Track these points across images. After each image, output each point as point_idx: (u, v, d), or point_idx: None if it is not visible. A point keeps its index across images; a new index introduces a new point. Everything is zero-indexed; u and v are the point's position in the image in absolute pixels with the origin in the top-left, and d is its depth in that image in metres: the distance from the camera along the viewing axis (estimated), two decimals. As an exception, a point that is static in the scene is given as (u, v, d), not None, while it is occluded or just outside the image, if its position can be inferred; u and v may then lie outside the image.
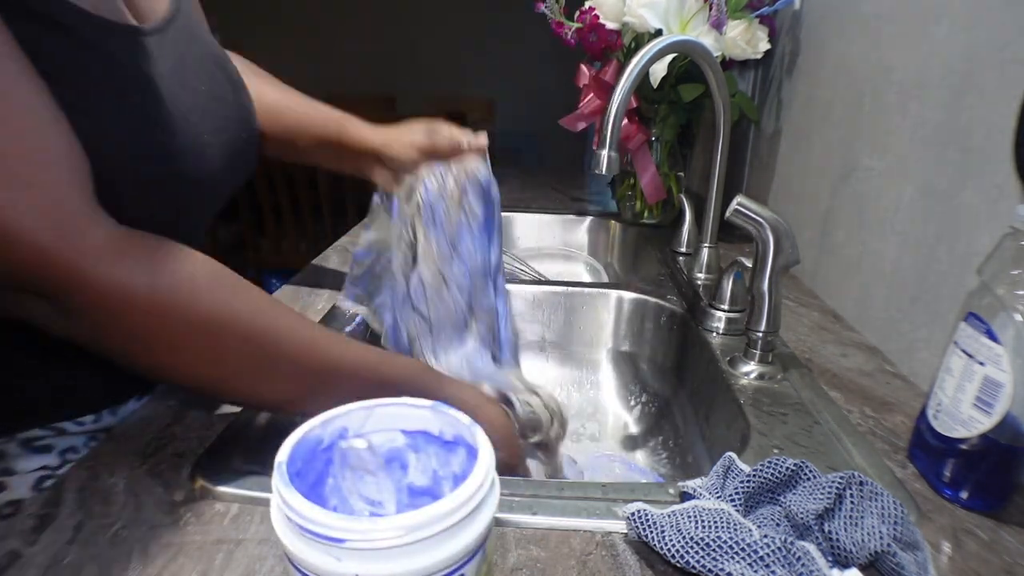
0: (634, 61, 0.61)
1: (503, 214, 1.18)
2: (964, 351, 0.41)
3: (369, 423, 0.30)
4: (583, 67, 1.00)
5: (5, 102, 0.33)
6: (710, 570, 0.34)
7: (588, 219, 1.17)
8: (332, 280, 0.78)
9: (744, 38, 0.87)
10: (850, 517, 0.36)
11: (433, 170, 0.59)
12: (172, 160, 0.43)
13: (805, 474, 0.39)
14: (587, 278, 1.09)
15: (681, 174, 1.04)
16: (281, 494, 0.24)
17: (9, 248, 0.33)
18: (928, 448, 0.44)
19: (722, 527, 0.35)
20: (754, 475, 0.39)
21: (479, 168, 0.60)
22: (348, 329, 0.65)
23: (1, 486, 0.48)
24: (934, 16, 0.58)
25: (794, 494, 0.38)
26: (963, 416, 0.40)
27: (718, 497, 0.39)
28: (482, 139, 0.60)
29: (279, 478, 0.25)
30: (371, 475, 0.31)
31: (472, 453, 0.28)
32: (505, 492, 0.40)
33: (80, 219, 0.35)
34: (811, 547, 0.34)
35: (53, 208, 0.34)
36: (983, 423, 0.39)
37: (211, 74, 0.51)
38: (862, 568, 0.35)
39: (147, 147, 0.41)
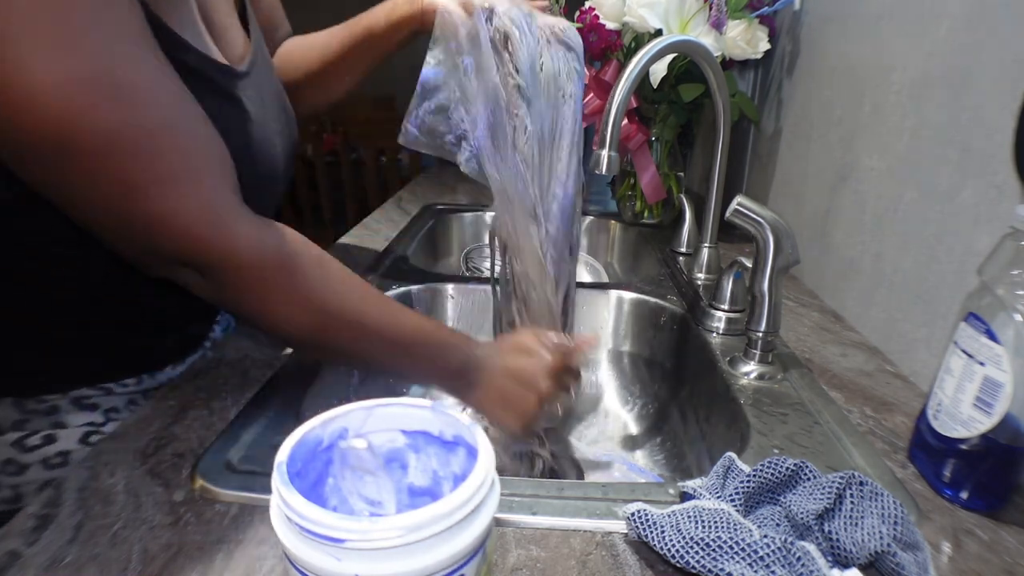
0: (634, 61, 0.61)
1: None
2: (964, 351, 0.41)
3: (369, 423, 0.30)
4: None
5: (182, 109, 0.40)
6: (710, 570, 0.34)
7: (588, 219, 1.17)
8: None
9: (744, 38, 0.87)
10: (850, 517, 0.36)
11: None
12: (262, 184, 0.51)
13: (805, 474, 0.39)
14: (587, 278, 1.09)
15: (681, 174, 1.04)
16: (281, 494, 0.24)
17: (175, 237, 0.40)
18: (928, 448, 0.44)
19: (722, 527, 0.35)
20: (754, 475, 0.39)
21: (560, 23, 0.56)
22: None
23: (52, 438, 0.51)
24: (934, 16, 0.58)
25: (794, 494, 0.38)
26: (963, 416, 0.40)
27: (718, 497, 0.39)
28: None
29: (279, 478, 0.25)
30: (371, 475, 0.31)
31: (472, 453, 0.28)
32: (505, 492, 0.40)
33: (231, 214, 0.42)
34: (811, 547, 0.34)
35: (211, 205, 0.41)
36: (983, 423, 0.39)
37: (279, 111, 0.58)
38: (862, 568, 0.35)
39: (249, 174, 0.47)
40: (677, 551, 0.35)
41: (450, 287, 0.82)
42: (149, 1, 0.40)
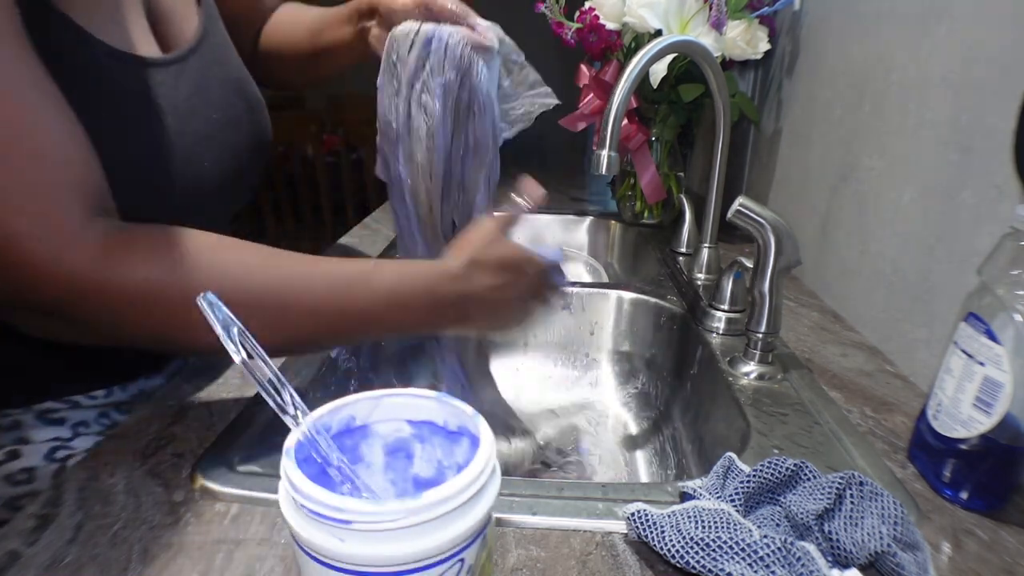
0: (634, 61, 0.61)
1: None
2: (964, 351, 0.41)
3: (376, 412, 0.31)
4: (583, 67, 1.00)
5: (31, 114, 0.35)
6: (710, 570, 0.34)
7: (588, 219, 1.17)
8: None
9: (744, 38, 0.87)
10: (850, 517, 0.36)
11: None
12: (166, 190, 0.45)
13: (805, 474, 0.39)
14: (587, 278, 1.09)
15: (681, 174, 1.04)
16: (289, 477, 0.25)
17: (10, 265, 0.35)
18: (928, 448, 0.44)
19: (722, 527, 0.35)
20: (754, 475, 0.39)
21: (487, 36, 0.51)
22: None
23: (16, 453, 0.50)
24: (934, 16, 0.58)
25: (794, 494, 0.38)
26: (963, 416, 0.40)
27: (718, 497, 0.39)
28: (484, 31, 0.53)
29: (288, 462, 0.25)
30: (377, 464, 0.32)
31: (475, 443, 0.28)
32: (505, 492, 0.40)
33: (76, 237, 0.36)
34: (811, 547, 0.34)
35: (52, 227, 0.35)
36: (983, 423, 0.39)
37: (228, 101, 0.53)
38: (862, 568, 0.35)
39: (144, 176, 0.43)
40: (677, 551, 0.35)
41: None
42: None
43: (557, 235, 1.17)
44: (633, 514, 0.37)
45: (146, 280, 0.38)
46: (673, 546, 0.35)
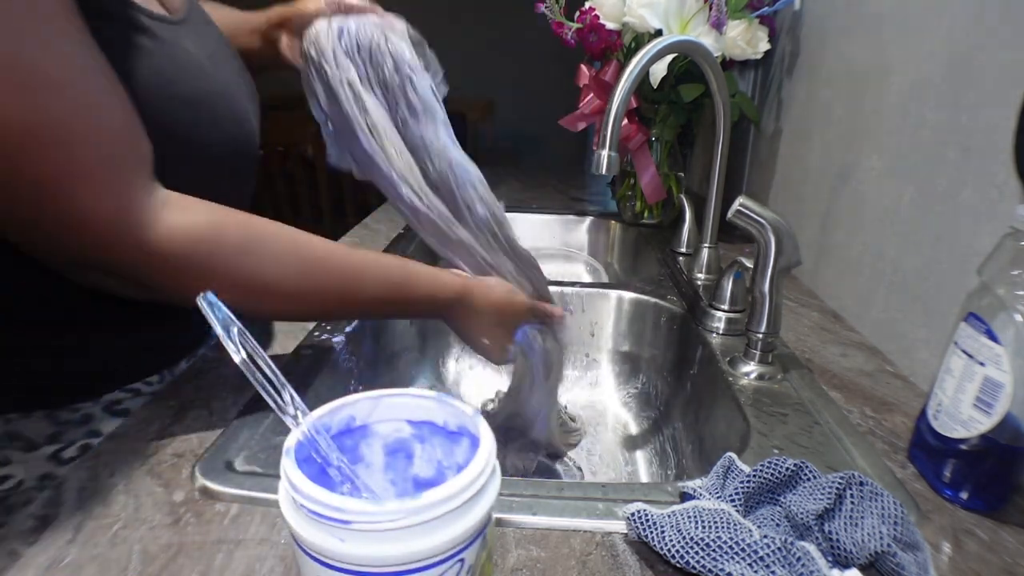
0: (634, 61, 0.61)
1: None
2: (964, 351, 0.41)
3: (376, 413, 0.31)
4: (583, 67, 1.00)
5: (97, 93, 0.37)
6: (710, 570, 0.34)
7: (588, 219, 1.17)
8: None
9: (744, 38, 0.87)
10: (850, 517, 0.36)
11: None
12: (226, 125, 0.50)
13: (805, 474, 0.39)
14: (587, 278, 1.09)
15: (681, 174, 1.04)
16: (289, 477, 0.25)
17: (89, 236, 0.38)
18: (928, 448, 0.44)
19: (722, 527, 0.35)
20: (754, 475, 0.39)
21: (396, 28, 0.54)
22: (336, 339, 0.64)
23: (89, 448, 0.51)
24: (934, 16, 0.58)
25: (794, 494, 0.38)
26: (963, 416, 0.40)
27: (718, 497, 0.39)
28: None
29: (288, 462, 0.25)
30: (376, 464, 0.32)
31: (475, 443, 0.28)
32: (505, 492, 0.40)
33: (147, 209, 0.39)
34: (811, 547, 0.34)
35: (127, 201, 0.38)
36: (983, 423, 0.39)
37: (229, 56, 0.57)
38: (862, 568, 0.35)
39: (206, 115, 0.47)
40: (677, 551, 0.35)
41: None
42: None
43: (557, 235, 1.17)
44: (633, 514, 0.37)
45: (217, 240, 0.42)
46: (673, 546, 0.35)
